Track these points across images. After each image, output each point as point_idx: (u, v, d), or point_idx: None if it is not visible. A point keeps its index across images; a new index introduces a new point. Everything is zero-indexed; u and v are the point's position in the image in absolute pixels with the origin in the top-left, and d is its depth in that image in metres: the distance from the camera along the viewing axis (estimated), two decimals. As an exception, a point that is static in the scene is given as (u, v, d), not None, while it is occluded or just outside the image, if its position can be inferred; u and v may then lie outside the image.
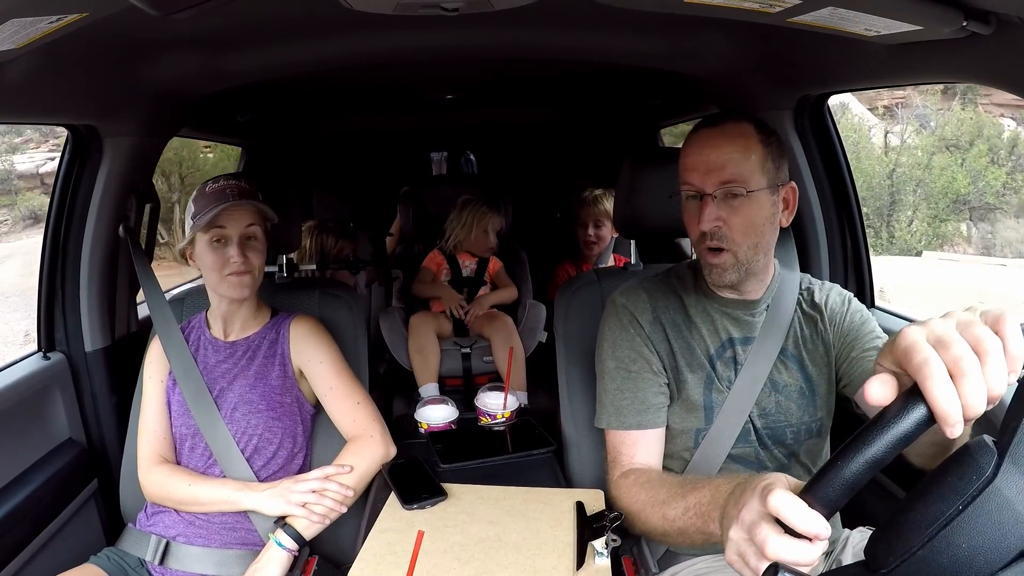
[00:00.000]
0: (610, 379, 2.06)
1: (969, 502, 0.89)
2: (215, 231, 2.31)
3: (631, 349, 2.04)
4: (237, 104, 3.80)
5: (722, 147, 1.89)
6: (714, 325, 2.07)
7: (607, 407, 2.06)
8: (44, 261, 2.78)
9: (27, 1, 1.36)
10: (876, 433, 0.94)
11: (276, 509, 2.20)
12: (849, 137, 23.05)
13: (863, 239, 2.97)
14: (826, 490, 0.99)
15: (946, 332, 0.92)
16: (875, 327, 2.08)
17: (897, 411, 0.94)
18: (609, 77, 3.71)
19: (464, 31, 2.39)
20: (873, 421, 0.96)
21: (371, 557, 1.81)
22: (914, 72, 2.04)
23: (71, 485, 2.67)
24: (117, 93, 2.48)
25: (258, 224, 2.37)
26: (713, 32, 2.48)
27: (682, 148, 1.98)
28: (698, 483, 1.63)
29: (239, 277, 2.32)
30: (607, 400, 2.06)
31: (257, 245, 2.37)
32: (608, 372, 2.07)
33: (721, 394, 2.02)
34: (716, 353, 2.05)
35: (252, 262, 2.34)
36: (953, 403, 0.88)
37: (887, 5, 1.50)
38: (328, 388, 2.42)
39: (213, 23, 2.15)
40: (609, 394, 2.05)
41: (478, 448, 2.65)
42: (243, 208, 2.32)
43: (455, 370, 4.16)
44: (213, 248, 2.32)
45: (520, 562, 1.78)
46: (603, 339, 2.12)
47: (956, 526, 0.89)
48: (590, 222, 4.56)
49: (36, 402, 2.64)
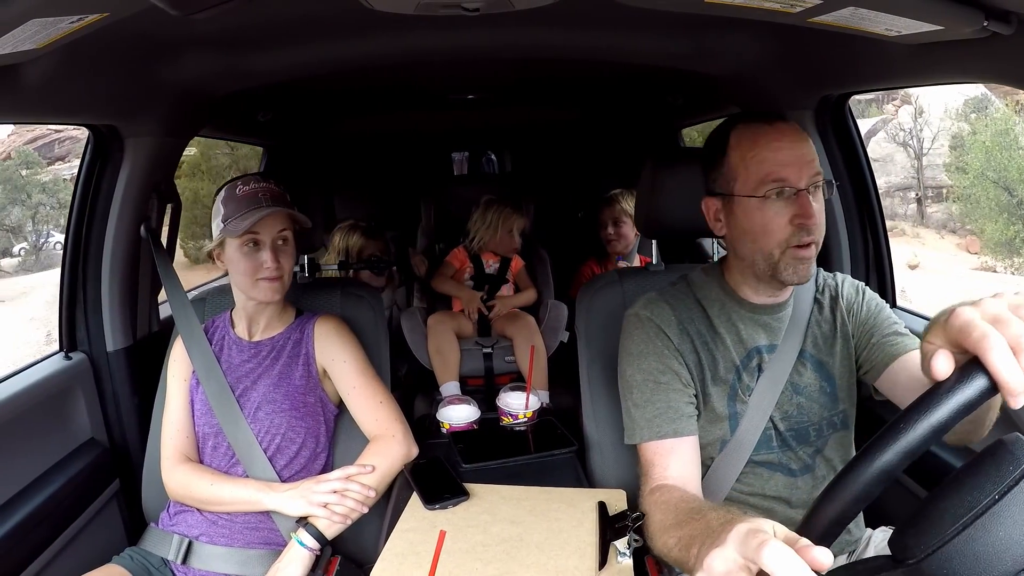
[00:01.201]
0: (639, 392, 2.00)
1: (1007, 491, 0.91)
2: (248, 236, 2.31)
3: (659, 361, 1.99)
4: (258, 104, 3.80)
5: (803, 142, 1.86)
6: (739, 335, 2.03)
7: (637, 420, 1.98)
8: (65, 261, 2.79)
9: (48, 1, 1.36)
10: (939, 400, 0.94)
11: (298, 509, 2.21)
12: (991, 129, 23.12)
13: (884, 239, 2.96)
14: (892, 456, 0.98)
15: (1001, 311, 0.95)
16: (891, 313, 2.08)
17: (956, 380, 0.95)
18: (630, 77, 3.70)
19: (485, 31, 2.39)
20: (932, 390, 0.96)
21: (393, 557, 1.81)
22: (935, 72, 2.03)
23: (93, 485, 2.68)
24: (138, 93, 2.48)
25: (289, 228, 2.38)
26: (734, 32, 2.47)
27: (747, 148, 1.89)
28: (697, 514, 1.58)
29: (271, 283, 2.33)
30: (637, 413, 1.98)
31: (288, 249, 2.38)
32: (636, 385, 2.01)
33: (743, 403, 2.00)
34: (742, 363, 2.02)
35: (284, 267, 2.35)
36: (1017, 373, 0.90)
37: (908, 5, 1.49)
38: (351, 387, 2.43)
39: (233, 23, 2.15)
40: (639, 407, 1.98)
41: (500, 448, 2.64)
42: (277, 213, 2.32)
43: (477, 370, 4.16)
44: (245, 253, 2.32)
45: (542, 562, 1.78)
46: (627, 354, 2.06)
47: (993, 514, 0.91)
48: (608, 221, 4.57)
49: (58, 402, 2.65)
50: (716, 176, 1.96)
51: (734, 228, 1.94)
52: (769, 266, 1.88)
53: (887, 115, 30.12)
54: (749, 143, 1.87)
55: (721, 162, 1.94)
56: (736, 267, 2.02)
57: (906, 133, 28.43)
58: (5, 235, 26.34)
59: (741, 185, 1.87)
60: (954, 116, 28.12)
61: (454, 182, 6.78)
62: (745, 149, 1.87)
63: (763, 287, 2.00)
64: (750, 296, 2.03)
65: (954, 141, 27.19)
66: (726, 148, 1.92)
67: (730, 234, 1.97)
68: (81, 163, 2.76)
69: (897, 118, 29.61)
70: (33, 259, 20.93)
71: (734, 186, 1.89)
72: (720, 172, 1.94)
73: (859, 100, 28.58)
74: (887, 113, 30.45)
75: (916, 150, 28.29)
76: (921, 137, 28.42)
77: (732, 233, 1.96)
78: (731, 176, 1.90)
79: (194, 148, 24.60)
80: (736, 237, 1.94)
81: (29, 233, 22.18)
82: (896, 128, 28.89)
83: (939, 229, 27.53)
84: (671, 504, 1.76)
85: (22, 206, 22.42)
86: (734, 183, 1.89)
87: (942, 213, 27.79)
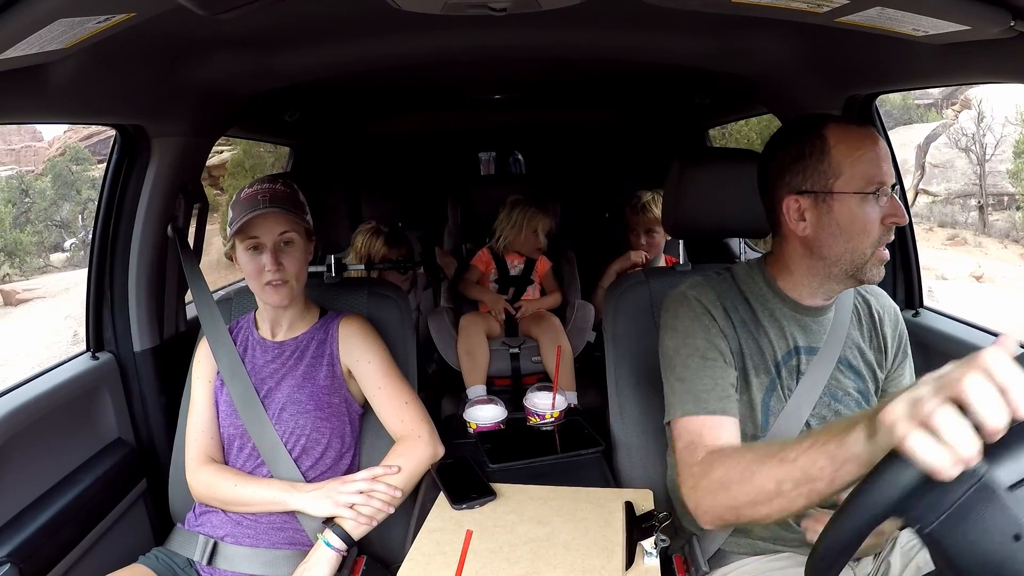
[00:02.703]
0: (683, 367, 1.95)
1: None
2: (249, 239, 2.31)
3: (706, 339, 1.96)
4: (285, 104, 3.81)
5: (884, 146, 1.87)
6: (782, 331, 2.02)
7: (682, 395, 1.92)
8: (92, 261, 2.80)
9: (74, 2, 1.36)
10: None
11: (323, 510, 2.20)
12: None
13: (912, 241, 2.94)
14: None
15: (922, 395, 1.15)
16: (909, 367, 2.16)
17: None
18: (657, 77, 3.70)
19: (512, 31, 2.39)
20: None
21: (420, 557, 1.81)
22: (962, 72, 2.03)
23: (120, 485, 2.68)
24: (165, 93, 2.49)
25: (293, 230, 2.35)
26: (761, 32, 2.46)
27: (855, 147, 1.87)
28: (802, 438, 1.54)
29: (274, 288, 2.32)
30: (681, 388, 1.92)
31: (294, 251, 2.36)
32: (681, 360, 1.96)
33: (780, 402, 1.98)
34: (783, 360, 2.01)
35: (288, 270, 2.33)
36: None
37: (935, 5, 1.49)
38: (377, 388, 2.42)
39: (260, 23, 2.16)
40: (684, 381, 1.94)
41: (527, 448, 2.64)
42: (276, 214, 2.31)
43: (504, 370, 4.16)
44: (250, 256, 2.32)
45: (569, 562, 1.78)
46: (671, 330, 2.03)
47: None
48: (641, 231, 4.51)
49: (85, 402, 2.66)
50: (809, 174, 1.91)
51: (826, 227, 1.90)
52: (856, 266, 1.88)
53: (947, 120, 29.76)
54: (855, 142, 1.86)
55: (817, 160, 1.89)
56: (799, 267, 2.00)
57: (968, 139, 28.02)
58: (57, 230, 26.69)
59: (845, 182, 1.85)
60: (1017, 121, 27.72)
61: (481, 182, 6.79)
62: (852, 147, 1.86)
63: (823, 289, 1.99)
64: (802, 297, 2.02)
65: (1017, 147, 26.83)
66: (825, 146, 1.88)
67: (815, 233, 1.92)
68: (108, 163, 2.77)
69: (958, 123, 29.23)
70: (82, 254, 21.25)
71: (834, 183, 1.87)
72: (817, 169, 1.89)
73: (918, 104, 28.36)
74: (947, 118, 30.11)
75: (979, 156, 27.86)
76: (984, 143, 28.02)
77: (820, 232, 1.92)
78: (832, 173, 1.87)
79: (237, 147, 24.90)
80: (825, 236, 1.91)
81: (79, 229, 22.47)
82: (958, 133, 28.50)
83: (1002, 238, 27.13)
84: (758, 446, 1.76)
85: (72, 202, 22.70)
86: (835, 180, 1.86)
87: (1005, 222, 27.40)
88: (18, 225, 25.13)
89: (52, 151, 29.22)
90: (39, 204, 26.35)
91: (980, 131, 28.07)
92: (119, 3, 1.45)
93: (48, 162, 28.02)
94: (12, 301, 22.96)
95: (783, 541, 2.03)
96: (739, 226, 2.40)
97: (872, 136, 1.86)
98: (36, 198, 26.48)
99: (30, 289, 23.46)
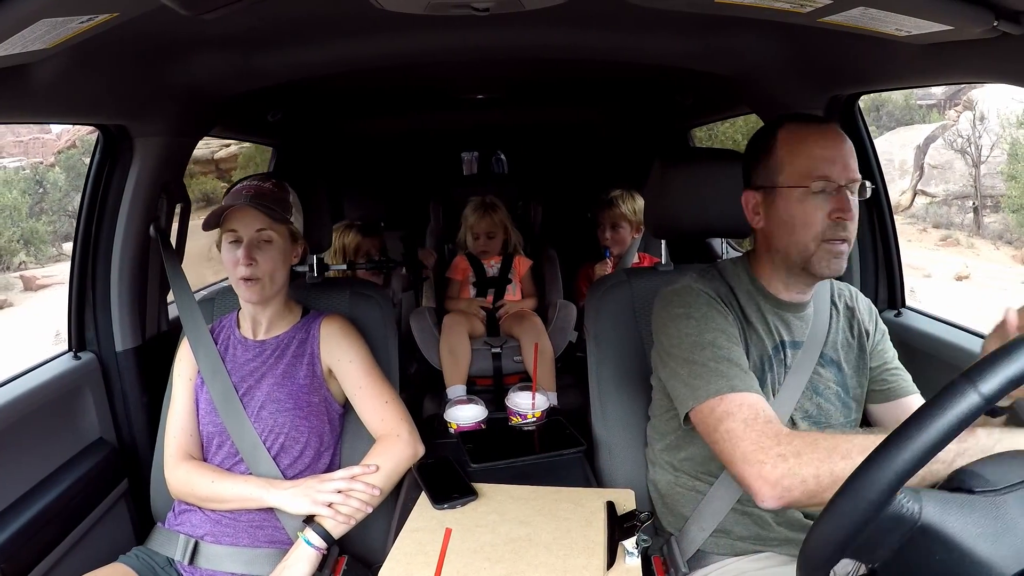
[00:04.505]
0: (712, 347, 1.90)
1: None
2: (229, 232, 2.33)
3: (725, 322, 1.97)
4: (267, 104, 3.81)
5: (845, 143, 1.91)
6: (768, 326, 2.05)
7: (716, 375, 1.86)
8: (75, 261, 2.79)
9: (58, 1, 1.36)
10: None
11: (301, 508, 2.21)
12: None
13: (894, 240, 2.95)
14: None
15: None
16: (890, 343, 2.18)
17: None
18: (639, 77, 3.72)
19: (495, 31, 2.40)
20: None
21: (402, 556, 1.81)
22: (945, 72, 2.04)
23: (101, 484, 2.68)
24: (147, 93, 2.49)
25: (271, 228, 2.36)
26: (744, 32, 2.48)
27: (796, 143, 1.93)
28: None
29: (246, 283, 2.33)
30: (715, 367, 1.87)
31: (271, 250, 2.36)
32: (709, 340, 1.92)
33: (768, 396, 1.99)
34: (772, 353, 2.04)
35: (261, 267, 2.33)
36: None
37: (918, 5, 1.50)
38: (357, 387, 2.43)
39: (243, 23, 2.16)
40: (719, 361, 1.88)
41: (508, 448, 2.64)
42: (254, 211, 2.32)
43: (485, 370, 4.15)
44: (228, 248, 2.34)
45: (551, 562, 1.78)
46: (685, 317, 1.99)
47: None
48: (608, 224, 4.57)
49: (67, 402, 2.65)
50: (760, 170, 2.00)
51: (772, 220, 1.97)
52: (804, 259, 1.92)
53: (947, 121, 29.61)
54: (798, 139, 1.93)
55: (767, 157, 1.98)
56: (768, 261, 2.05)
57: (963, 140, 27.86)
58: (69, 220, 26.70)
59: (786, 177, 1.92)
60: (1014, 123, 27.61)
61: (463, 182, 6.78)
62: (793, 144, 1.93)
63: (793, 283, 2.03)
64: (779, 292, 2.06)
65: (1012, 148, 26.79)
66: (774, 143, 1.96)
67: (767, 226, 2.00)
68: (91, 163, 2.77)
69: (957, 124, 29.03)
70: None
71: (778, 178, 1.94)
72: (767, 166, 1.97)
73: (920, 105, 28.24)
74: (948, 119, 29.95)
75: (974, 157, 27.72)
76: (979, 144, 27.90)
77: (769, 225, 1.99)
78: (776, 169, 1.94)
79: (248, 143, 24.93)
80: (773, 229, 1.98)
81: None
82: (955, 134, 28.34)
83: (995, 240, 27.02)
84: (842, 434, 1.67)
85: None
86: (778, 175, 1.94)
87: (999, 223, 27.32)
88: (33, 215, 25.26)
89: (61, 143, 29.26)
90: (53, 195, 26.51)
91: (976, 133, 27.98)
92: (102, 3, 1.45)
93: (62, 154, 28.06)
94: (33, 286, 23.27)
95: (763, 541, 2.04)
96: (721, 226, 2.41)
97: (824, 133, 1.92)
98: (50, 189, 26.70)
99: (48, 276, 23.64)
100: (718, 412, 1.82)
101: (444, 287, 4.73)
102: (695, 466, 2.12)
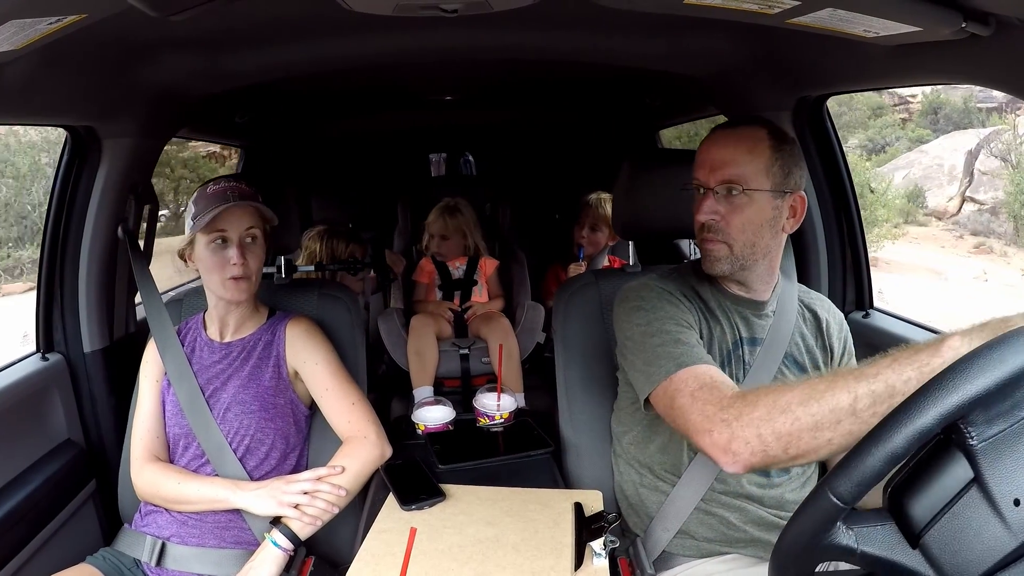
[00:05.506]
0: (662, 333, 1.90)
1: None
2: (215, 233, 2.31)
3: (677, 311, 1.98)
4: (236, 105, 3.80)
5: (729, 147, 1.95)
6: (729, 320, 2.08)
7: (671, 355, 1.85)
8: (43, 262, 2.77)
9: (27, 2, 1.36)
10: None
11: (266, 509, 2.21)
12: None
13: (862, 243, 2.97)
14: None
15: None
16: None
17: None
18: (608, 78, 3.72)
19: (463, 32, 2.40)
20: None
21: (369, 558, 1.82)
22: (913, 73, 2.06)
23: (69, 486, 2.66)
24: (116, 94, 2.48)
25: (258, 227, 2.37)
26: (712, 33, 2.49)
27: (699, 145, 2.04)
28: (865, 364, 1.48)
29: (236, 282, 2.33)
30: (671, 349, 1.86)
31: (256, 248, 2.38)
32: (658, 326, 1.93)
33: None
34: (732, 349, 2.06)
35: (251, 265, 2.34)
36: None
37: (886, 6, 1.51)
38: (324, 389, 2.43)
39: (212, 24, 2.15)
40: (671, 343, 1.88)
41: (476, 449, 2.65)
42: (243, 210, 2.32)
43: (453, 371, 4.14)
44: (213, 250, 2.32)
45: (518, 563, 1.78)
46: (638, 309, 2.00)
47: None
48: (587, 223, 4.58)
49: (34, 403, 2.64)
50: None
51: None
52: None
53: (1002, 126, 28.94)
54: (702, 142, 2.05)
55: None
56: None
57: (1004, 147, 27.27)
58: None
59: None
60: None
61: (431, 184, 6.76)
62: (699, 146, 2.05)
63: (730, 279, 2.10)
64: (730, 287, 2.11)
65: None
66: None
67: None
68: (59, 164, 2.75)
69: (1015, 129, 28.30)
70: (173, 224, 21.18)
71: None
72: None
73: (980, 108, 27.81)
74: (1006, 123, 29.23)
75: (1012, 164, 27.31)
76: (1021, 151, 27.45)
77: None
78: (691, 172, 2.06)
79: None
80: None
81: (170, 203, 22.36)
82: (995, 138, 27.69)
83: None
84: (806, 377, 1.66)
85: (165, 179, 22.55)
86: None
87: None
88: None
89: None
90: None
91: (1016, 139, 27.55)
92: (71, 4, 1.45)
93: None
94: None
95: (728, 543, 2.06)
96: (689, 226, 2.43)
97: (713, 138, 2.04)
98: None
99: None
100: (670, 391, 1.81)
101: (412, 289, 4.73)
102: (662, 459, 2.13)
